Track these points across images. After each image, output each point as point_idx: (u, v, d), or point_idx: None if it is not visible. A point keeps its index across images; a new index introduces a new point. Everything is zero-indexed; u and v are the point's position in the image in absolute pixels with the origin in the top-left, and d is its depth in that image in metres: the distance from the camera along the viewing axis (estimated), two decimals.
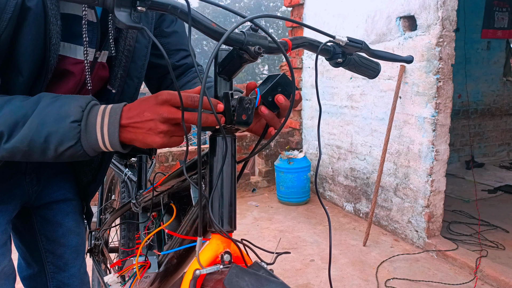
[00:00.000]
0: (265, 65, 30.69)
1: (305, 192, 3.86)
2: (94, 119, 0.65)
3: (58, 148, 0.64)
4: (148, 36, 0.92)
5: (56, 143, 0.64)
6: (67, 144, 0.64)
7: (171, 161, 3.83)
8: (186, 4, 0.58)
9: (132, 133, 0.65)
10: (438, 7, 2.54)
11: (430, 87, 2.65)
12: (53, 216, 1.05)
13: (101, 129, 0.65)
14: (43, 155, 0.66)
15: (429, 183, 2.71)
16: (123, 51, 0.87)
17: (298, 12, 4.17)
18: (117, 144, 0.65)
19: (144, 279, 0.98)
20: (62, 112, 0.64)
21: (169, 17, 1.00)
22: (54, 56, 0.74)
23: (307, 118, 4.22)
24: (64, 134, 0.64)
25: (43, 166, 0.99)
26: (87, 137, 0.65)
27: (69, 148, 0.64)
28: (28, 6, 0.68)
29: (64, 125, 0.63)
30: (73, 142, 0.64)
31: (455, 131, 4.82)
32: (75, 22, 0.77)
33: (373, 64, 0.82)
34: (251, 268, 0.61)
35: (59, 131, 0.63)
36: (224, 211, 0.66)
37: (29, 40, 0.70)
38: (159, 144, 0.65)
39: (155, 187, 1.02)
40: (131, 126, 0.65)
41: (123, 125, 0.65)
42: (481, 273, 2.38)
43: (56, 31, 0.73)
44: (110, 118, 0.65)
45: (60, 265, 1.07)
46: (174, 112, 0.63)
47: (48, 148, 0.64)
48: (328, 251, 2.81)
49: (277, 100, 0.68)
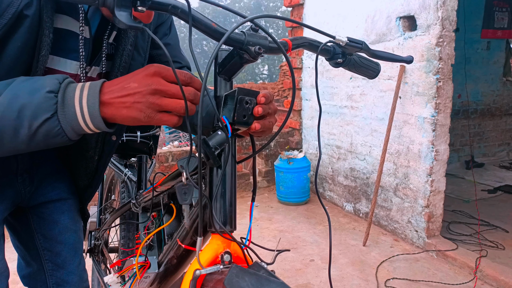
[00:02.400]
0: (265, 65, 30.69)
1: (305, 192, 3.86)
2: (72, 91, 0.61)
3: (32, 122, 0.59)
4: (144, 54, 0.92)
5: (30, 117, 0.59)
6: (42, 116, 0.59)
7: (171, 161, 3.83)
8: (186, 4, 0.58)
9: (114, 107, 0.61)
10: (438, 7, 2.54)
11: (430, 87, 2.65)
12: (49, 214, 1.05)
13: (79, 102, 0.60)
14: (15, 136, 0.60)
15: (429, 183, 2.71)
16: (118, 68, 0.87)
17: (298, 12, 4.16)
18: (98, 118, 0.61)
19: (144, 279, 0.98)
20: (37, 85, 0.60)
21: (162, 30, 0.99)
22: (41, 67, 0.74)
23: (307, 118, 4.22)
24: (39, 105, 0.59)
25: (36, 166, 0.98)
26: (64, 111, 0.60)
27: (44, 122, 0.59)
28: (26, 14, 0.68)
29: (39, 96, 0.59)
30: (48, 115, 0.59)
31: (455, 131, 4.82)
32: (67, 37, 0.77)
33: (373, 64, 0.82)
34: (251, 268, 0.61)
35: (33, 102, 0.59)
36: (224, 211, 0.66)
37: (17, 47, 0.69)
38: (144, 119, 0.60)
39: (155, 187, 1.02)
40: (114, 99, 0.60)
41: (104, 100, 0.61)
42: (481, 273, 2.38)
43: (47, 43, 0.72)
44: (90, 90, 0.61)
45: (58, 263, 1.07)
46: (164, 84, 0.60)
47: (21, 125, 0.59)
48: (328, 251, 2.81)
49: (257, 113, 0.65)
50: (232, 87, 0.68)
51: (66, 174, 1.09)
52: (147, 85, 0.59)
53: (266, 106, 0.66)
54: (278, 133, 0.70)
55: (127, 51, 0.87)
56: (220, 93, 0.67)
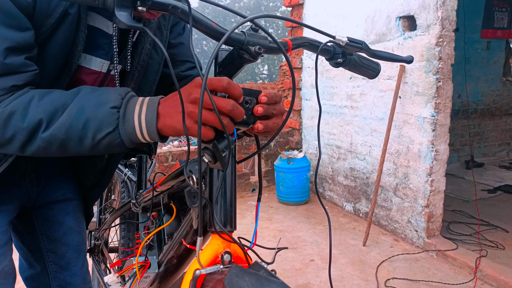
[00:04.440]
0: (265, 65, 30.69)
1: (304, 192, 3.86)
2: (133, 107, 0.64)
3: (96, 135, 0.63)
4: (161, 53, 0.93)
5: (94, 129, 0.63)
6: (106, 130, 0.63)
7: (171, 161, 3.83)
8: (186, 4, 0.58)
9: (163, 118, 0.63)
10: (438, 7, 2.54)
11: (430, 87, 2.65)
12: (53, 215, 1.05)
13: (138, 117, 0.64)
14: (79, 144, 0.65)
15: (429, 183, 2.71)
16: (136, 66, 0.89)
17: (297, 12, 4.16)
18: (155, 131, 0.64)
19: (144, 279, 0.98)
20: (102, 99, 0.64)
21: (176, 29, 1.02)
22: (76, 63, 0.77)
23: (307, 118, 4.22)
24: (103, 120, 0.63)
25: (43, 167, 0.99)
26: (125, 125, 0.64)
27: (107, 135, 0.64)
28: (69, 12, 0.71)
29: (104, 111, 0.63)
30: (111, 129, 0.63)
31: (455, 131, 4.82)
32: (95, 35, 0.79)
33: (373, 64, 0.82)
34: (251, 268, 0.61)
35: (98, 116, 0.63)
36: (225, 211, 0.66)
37: (59, 44, 0.72)
38: (183, 129, 0.61)
39: (155, 187, 1.02)
40: (164, 110, 0.64)
41: (160, 113, 0.64)
42: (480, 273, 2.38)
43: (82, 39, 0.75)
44: (148, 106, 0.64)
45: (62, 264, 1.07)
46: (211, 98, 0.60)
47: (86, 136, 0.64)
48: (328, 251, 2.81)
49: (257, 113, 0.64)
50: None
51: (72, 174, 1.09)
52: (189, 94, 0.61)
53: (268, 106, 0.65)
54: (278, 133, 0.69)
55: (145, 49, 0.89)
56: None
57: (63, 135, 0.64)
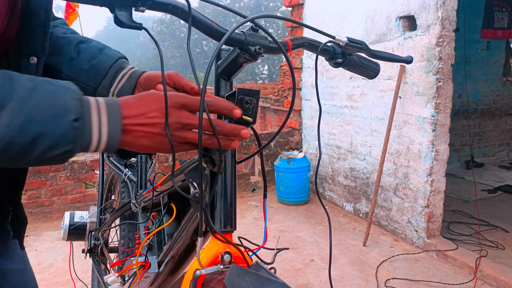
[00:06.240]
0: (265, 65, 30.70)
1: (305, 192, 3.86)
2: (89, 115, 0.51)
3: (46, 153, 0.48)
4: None
5: (46, 147, 0.48)
6: (62, 148, 0.49)
7: (171, 161, 3.83)
8: (186, 4, 0.58)
9: (133, 137, 0.54)
10: (438, 7, 2.54)
11: (430, 87, 2.65)
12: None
13: (98, 130, 0.51)
14: (15, 160, 0.48)
15: (429, 183, 2.71)
16: None
17: (298, 12, 4.16)
18: (116, 148, 0.53)
19: (144, 279, 0.98)
20: (57, 105, 0.48)
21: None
22: None
23: (307, 118, 4.22)
24: (62, 136, 0.48)
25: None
26: (81, 139, 0.50)
27: (62, 154, 0.49)
28: None
29: (63, 125, 0.48)
30: (70, 147, 0.49)
31: (455, 131, 4.83)
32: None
33: (373, 65, 0.82)
34: (252, 268, 0.61)
35: (56, 132, 0.48)
36: (225, 212, 0.66)
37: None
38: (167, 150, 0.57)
39: (155, 187, 1.02)
40: (135, 127, 0.54)
41: (125, 127, 0.54)
42: (480, 273, 2.38)
43: None
44: (110, 116, 0.52)
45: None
46: (190, 117, 0.56)
47: (30, 153, 0.48)
48: (328, 251, 2.81)
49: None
50: (232, 87, 0.68)
51: None
52: (175, 118, 0.55)
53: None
54: (278, 133, 0.69)
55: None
56: (220, 94, 0.67)
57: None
